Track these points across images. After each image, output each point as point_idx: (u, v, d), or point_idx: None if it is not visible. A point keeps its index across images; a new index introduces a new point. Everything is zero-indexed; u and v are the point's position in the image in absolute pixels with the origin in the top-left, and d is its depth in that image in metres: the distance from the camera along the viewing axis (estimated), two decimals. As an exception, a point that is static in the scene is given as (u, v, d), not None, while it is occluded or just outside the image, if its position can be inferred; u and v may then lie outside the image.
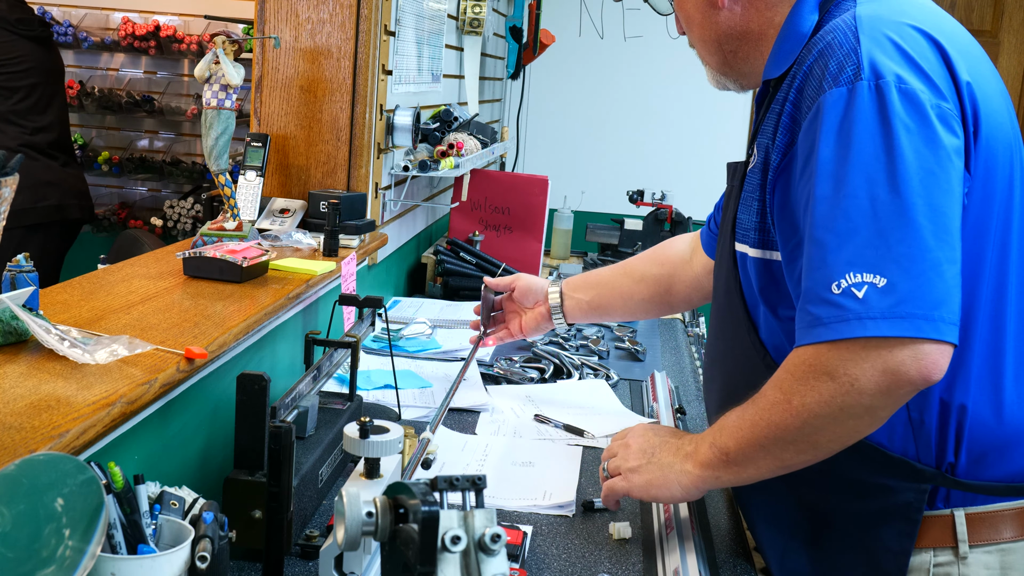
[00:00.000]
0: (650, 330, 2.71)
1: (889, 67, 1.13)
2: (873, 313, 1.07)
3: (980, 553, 1.23)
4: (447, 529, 0.90)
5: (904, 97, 1.11)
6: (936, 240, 1.08)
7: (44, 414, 1.07)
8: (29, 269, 1.33)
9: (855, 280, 1.08)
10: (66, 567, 0.89)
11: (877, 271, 1.07)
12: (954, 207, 1.11)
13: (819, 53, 1.19)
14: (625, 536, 1.43)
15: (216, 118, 1.86)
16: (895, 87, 1.12)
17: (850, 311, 1.08)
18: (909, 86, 1.12)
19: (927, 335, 1.07)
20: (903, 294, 1.07)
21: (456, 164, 2.60)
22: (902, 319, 1.06)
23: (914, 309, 1.06)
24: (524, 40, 3.78)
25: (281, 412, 1.27)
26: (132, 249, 3.29)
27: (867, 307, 1.07)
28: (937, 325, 1.07)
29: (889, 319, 1.06)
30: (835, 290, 1.09)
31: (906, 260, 1.07)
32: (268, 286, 1.74)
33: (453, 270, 2.87)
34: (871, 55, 1.14)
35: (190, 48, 4.07)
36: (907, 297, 1.07)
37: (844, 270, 1.09)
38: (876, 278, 1.07)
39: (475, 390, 2.04)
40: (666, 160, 4.59)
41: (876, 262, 1.08)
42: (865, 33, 1.16)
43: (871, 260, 1.08)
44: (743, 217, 1.31)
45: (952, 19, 1.27)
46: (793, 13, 1.30)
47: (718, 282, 1.42)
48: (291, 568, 1.30)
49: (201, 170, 4.20)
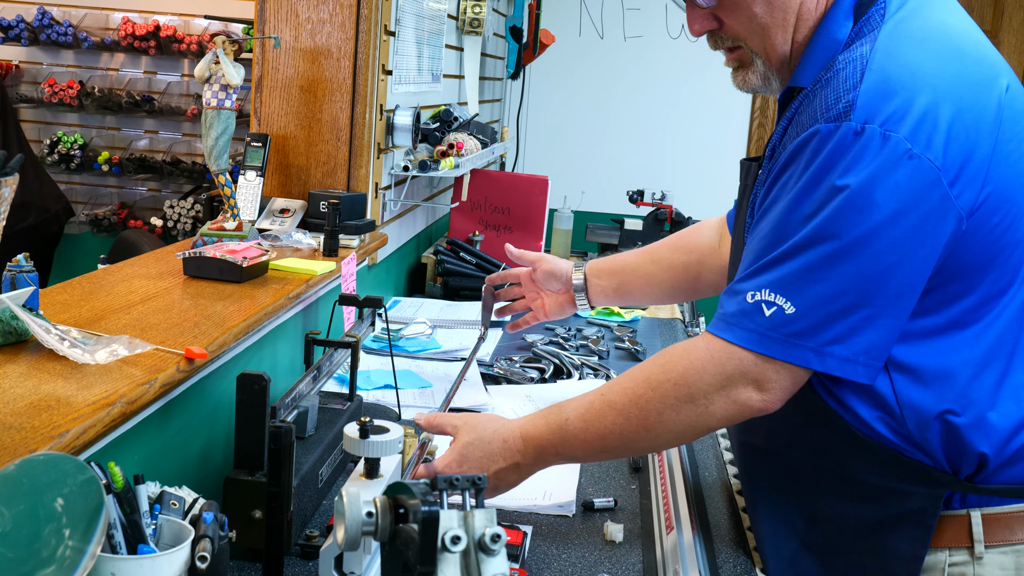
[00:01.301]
0: (650, 330, 2.71)
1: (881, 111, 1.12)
2: (768, 333, 1.16)
3: (995, 554, 1.23)
4: (447, 529, 0.90)
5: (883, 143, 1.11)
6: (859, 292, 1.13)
7: (44, 414, 1.07)
8: (29, 269, 1.33)
9: (768, 298, 1.16)
10: (66, 567, 0.89)
11: (790, 299, 1.15)
12: (901, 261, 1.13)
13: (826, 81, 1.19)
14: (616, 539, 1.43)
15: (216, 118, 1.86)
16: (879, 133, 1.12)
17: (753, 324, 1.17)
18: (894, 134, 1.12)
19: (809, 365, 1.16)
20: (803, 325, 1.15)
21: (456, 164, 2.60)
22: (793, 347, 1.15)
23: (807, 342, 1.15)
24: (524, 40, 3.78)
25: (281, 412, 1.27)
26: (132, 249, 3.29)
27: (768, 324, 1.16)
28: (824, 360, 1.15)
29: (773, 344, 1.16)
30: (749, 299, 1.18)
31: (819, 300, 1.14)
32: (268, 286, 1.74)
33: (453, 270, 2.87)
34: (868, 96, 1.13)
35: (190, 48, 4.07)
36: (805, 330, 1.15)
37: (763, 285, 1.17)
38: (787, 305, 1.15)
39: (475, 390, 2.04)
40: (666, 160, 4.59)
41: (793, 292, 1.15)
42: (872, 70, 1.15)
43: (790, 288, 1.15)
44: None
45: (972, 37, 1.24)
46: (828, 18, 1.26)
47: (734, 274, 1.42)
48: (291, 568, 1.30)
49: (201, 170, 4.20)
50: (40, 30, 4.10)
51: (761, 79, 1.33)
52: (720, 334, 1.21)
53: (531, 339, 2.40)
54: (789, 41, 1.28)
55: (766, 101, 4.56)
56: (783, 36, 1.28)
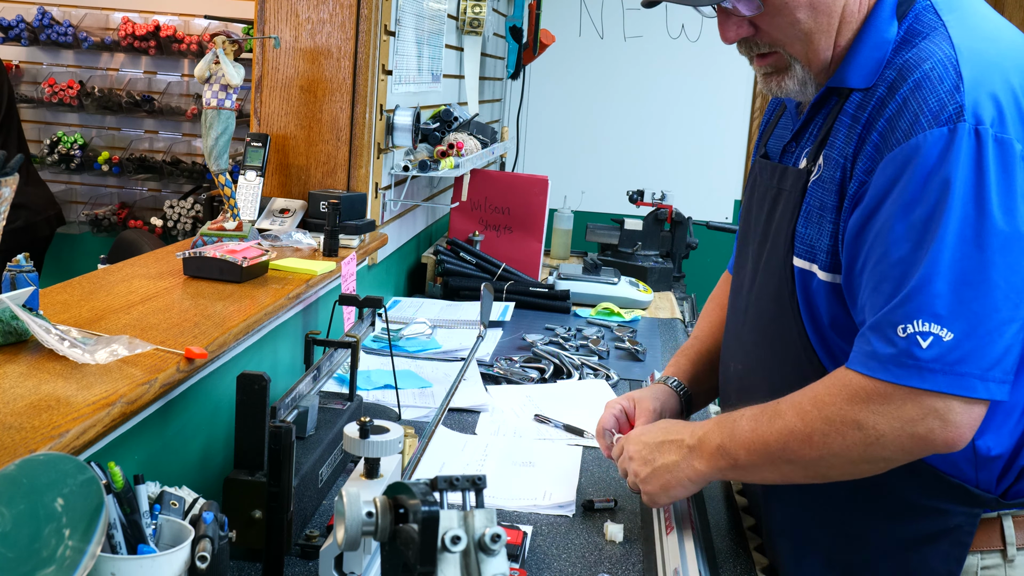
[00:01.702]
0: (650, 330, 2.71)
1: (989, 112, 1.10)
2: (933, 366, 1.08)
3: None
4: (447, 529, 0.90)
5: (999, 147, 1.09)
6: (1005, 301, 1.08)
7: (44, 414, 1.07)
8: (29, 269, 1.33)
9: (922, 328, 1.09)
10: (66, 567, 0.89)
11: (946, 325, 1.08)
12: None
13: (915, 84, 1.14)
14: (616, 539, 1.43)
15: (216, 118, 1.86)
16: (992, 136, 1.09)
17: (910, 357, 1.09)
18: (1006, 136, 1.10)
19: (976, 394, 1.08)
20: (965, 352, 1.08)
21: (456, 164, 2.60)
22: (959, 377, 1.08)
23: (972, 368, 1.08)
24: (524, 40, 3.78)
25: (281, 412, 1.27)
26: (132, 249, 3.29)
27: (929, 358, 1.08)
28: (988, 385, 1.08)
29: (947, 375, 1.08)
30: (900, 333, 1.10)
31: (975, 319, 1.08)
32: (268, 286, 1.74)
33: (453, 270, 2.87)
34: (975, 96, 1.10)
35: (190, 48, 4.07)
36: (968, 356, 1.08)
37: (914, 315, 1.09)
38: (943, 331, 1.08)
39: (475, 390, 2.04)
40: (666, 160, 4.59)
41: (947, 315, 1.08)
42: (967, 68, 1.12)
43: (942, 312, 1.08)
44: (807, 232, 1.25)
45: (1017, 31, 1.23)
46: (873, 18, 1.23)
47: (763, 296, 1.34)
48: (291, 568, 1.30)
49: (201, 170, 4.19)
50: (40, 30, 4.10)
51: (799, 84, 1.29)
52: None
53: (531, 339, 2.40)
54: (832, 46, 1.25)
55: (766, 101, 4.56)
56: (827, 41, 1.24)
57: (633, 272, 3.23)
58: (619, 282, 2.96)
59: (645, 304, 2.92)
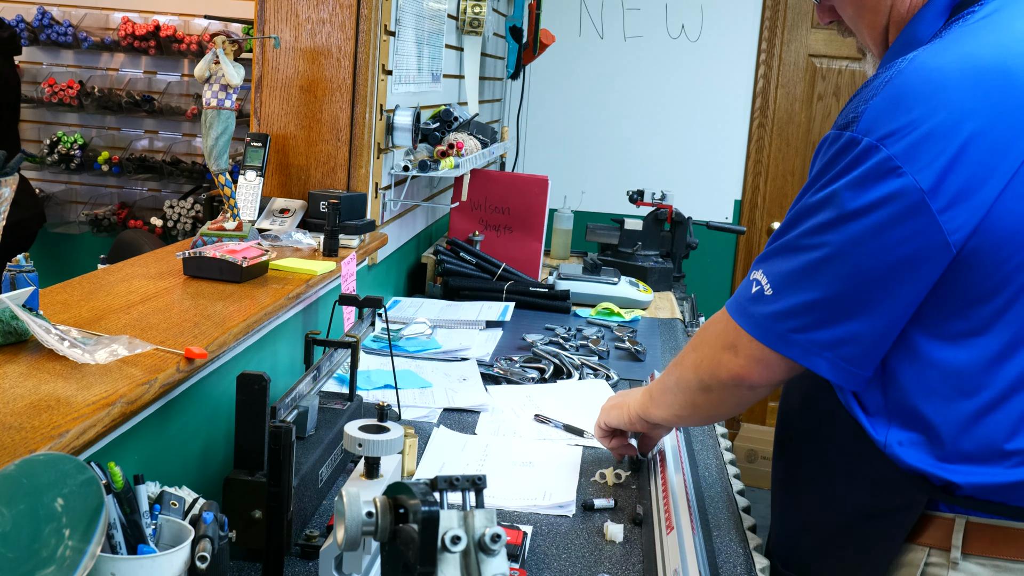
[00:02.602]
0: (650, 330, 2.71)
1: (880, 128, 1.14)
2: (748, 309, 1.25)
3: (973, 564, 1.21)
4: (447, 529, 0.90)
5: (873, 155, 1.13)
6: (838, 290, 1.18)
7: (44, 414, 1.07)
8: (29, 269, 1.33)
9: (757, 277, 1.26)
10: (66, 567, 0.89)
11: (771, 282, 1.23)
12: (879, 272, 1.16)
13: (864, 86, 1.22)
14: (616, 539, 1.43)
15: (216, 118, 1.86)
16: (874, 145, 1.14)
17: (742, 297, 1.28)
18: (885, 150, 1.13)
19: (768, 343, 1.23)
20: (779, 308, 1.22)
21: (456, 164, 2.60)
22: (754, 319, 1.24)
23: (775, 324, 1.22)
24: (524, 40, 3.77)
25: (281, 412, 1.27)
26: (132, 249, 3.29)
27: (745, 298, 1.26)
28: (787, 336, 1.21)
29: (745, 316, 1.25)
30: (750, 275, 1.28)
31: (795, 286, 1.21)
32: (268, 286, 1.74)
33: (453, 270, 2.87)
34: (875, 110, 1.15)
35: (190, 48, 4.07)
36: (778, 312, 1.22)
37: (759, 266, 1.26)
38: (767, 287, 1.24)
39: (475, 390, 2.04)
40: (666, 160, 4.59)
41: (775, 276, 1.23)
42: (891, 85, 1.16)
43: (773, 272, 1.24)
44: None
45: None
46: (919, 15, 1.27)
47: None
48: (291, 568, 1.30)
49: (201, 170, 4.20)
50: (40, 30, 4.10)
51: (872, 69, 1.37)
52: None
53: (531, 339, 2.40)
54: (882, 37, 1.33)
55: (766, 101, 4.56)
56: (874, 34, 1.33)
57: (633, 272, 3.23)
58: (619, 282, 2.96)
59: (645, 304, 2.93)
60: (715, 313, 1.38)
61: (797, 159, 4.62)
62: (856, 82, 4.55)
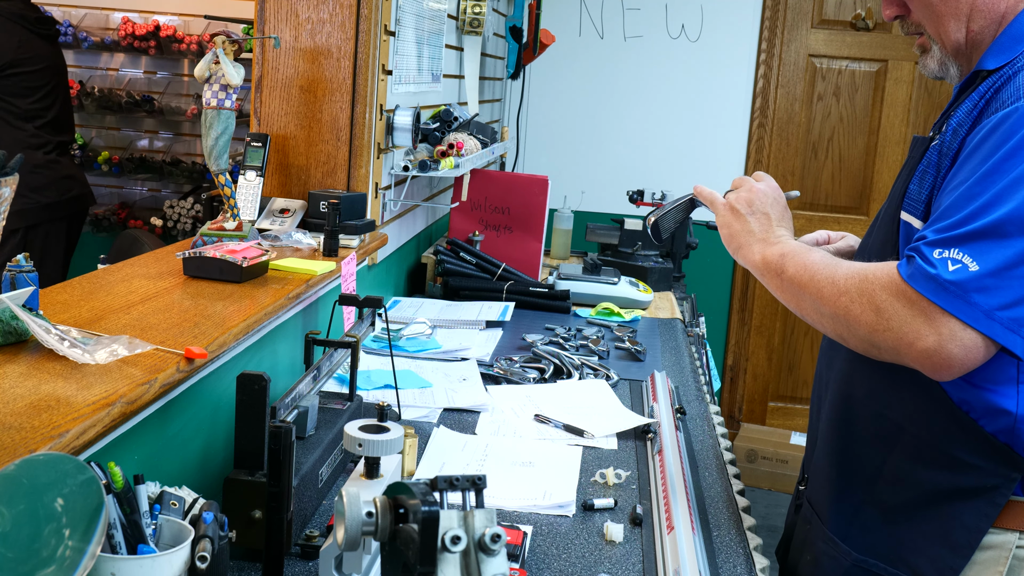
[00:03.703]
0: (650, 330, 2.71)
1: None
2: (951, 288, 1.16)
3: None
4: (447, 529, 0.90)
5: None
6: None
7: (44, 414, 1.07)
8: (29, 269, 1.33)
9: (954, 256, 1.18)
10: (66, 567, 0.89)
11: (976, 258, 1.17)
12: None
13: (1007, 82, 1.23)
14: (616, 539, 1.43)
15: (216, 118, 1.86)
16: None
17: (938, 276, 1.18)
18: None
19: (977, 325, 1.16)
20: (983, 285, 1.16)
21: (456, 164, 2.60)
22: (968, 304, 1.16)
23: (981, 302, 1.16)
24: (524, 40, 3.77)
25: (281, 412, 1.27)
26: (132, 249, 3.29)
27: (950, 280, 1.17)
28: (992, 324, 1.16)
29: (957, 299, 1.16)
30: (937, 255, 1.19)
31: (1004, 259, 1.16)
32: (268, 286, 1.74)
33: (453, 270, 2.87)
34: None
35: (190, 48, 4.07)
36: (983, 290, 1.16)
37: (954, 244, 1.18)
38: (972, 263, 1.17)
39: (475, 390, 2.04)
40: (666, 160, 4.59)
41: (979, 251, 1.17)
42: None
43: (977, 247, 1.17)
44: (914, 188, 1.35)
45: None
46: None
47: (872, 246, 1.45)
48: (291, 568, 1.30)
49: (201, 170, 4.20)
50: (40, 30, 4.10)
51: (938, 64, 1.40)
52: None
53: (531, 339, 2.40)
54: (963, 29, 1.35)
55: (766, 101, 4.56)
56: (955, 24, 1.35)
57: (633, 272, 3.23)
58: (619, 282, 2.96)
59: (645, 304, 2.93)
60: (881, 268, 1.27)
61: (797, 159, 4.62)
62: (856, 82, 4.55)
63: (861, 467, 1.39)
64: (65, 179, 3.64)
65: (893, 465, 1.35)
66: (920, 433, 1.31)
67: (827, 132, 4.60)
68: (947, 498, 1.30)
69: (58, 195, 3.57)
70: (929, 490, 1.31)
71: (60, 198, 3.59)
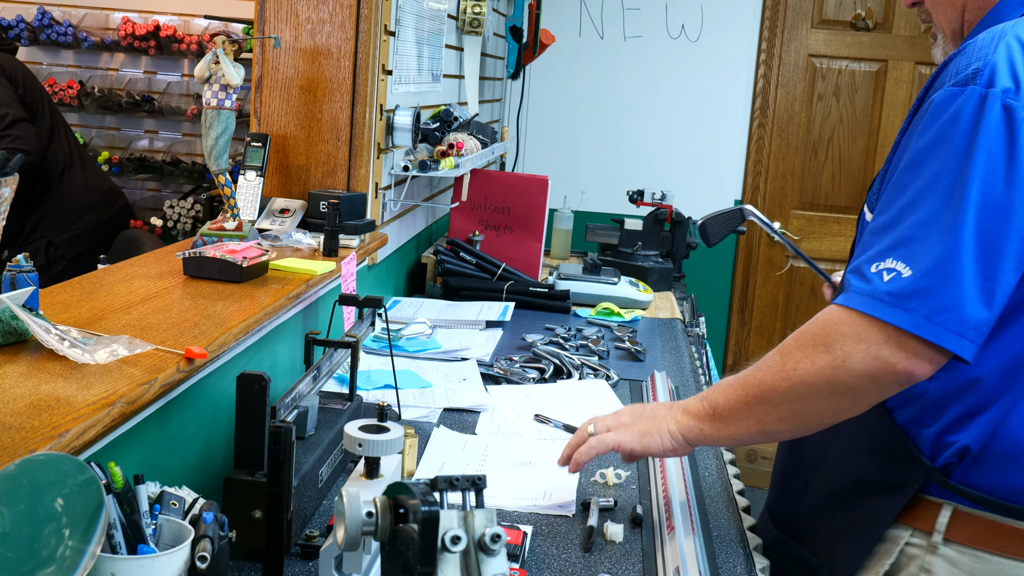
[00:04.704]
0: (650, 330, 2.71)
1: (1004, 79, 1.14)
2: (886, 299, 1.12)
3: (952, 550, 1.24)
4: (447, 529, 0.90)
5: (1003, 112, 1.13)
6: (975, 252, 1.11)
7: (44, 414, 1.07)
8: (29, 269, 1.33)
9: (888, 265, 1.14)
10: (66, 567, 0.89)
11: (908, 262, 1.13)
12: (1010, 230, 1.12)
13: (961, 50, 1.22)
14: (616, 539, 1.43)
15: (216, 118, 1.86)
16: (999, 100, 1.13)
17: (872, 288, 1.14)
18: (1014, 102, 1.13)
19: (924, 335, 1.11)
20: (918, 289, 1.11)
21: (456, 164, 2.60)
22: (907, 312, 1.11)
23: (920, 307, 1.11)
24: (524, 40, 3.77)
25: (281, 412, 1.27)
26: (132, 249, 3.29)
27: (886, 290, 1.13)
28: (937, 329, 1.10)
29: (896, 309, 1.12)
30: (872, 268, 1.16)
31: (936, 261, 1.12)
32: (268, 286, 1.74)
33: (453, 270, 2.87)
34: (995, 63, 1.15)
35: (190, 48, 4.07)
36: (921, 293, 1.11)
37: (886, 254, 1.15)
38: (905, 268, 1.13)
39: (475, 390, 2.04)
40: (666, 160, 4.59)
41: (911, 254, 1.13)
42: (1005, 39, 1.17)
43: (907, 251, 1.14)
44: (876, 183, 1.35)
45: None
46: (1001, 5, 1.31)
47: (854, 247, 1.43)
48: (291, 568, 1.30)
49: (201, 170, 4.19)
50: (40, 30, 4.10)
51: (942, 53, 1.41)
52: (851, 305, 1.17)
53: (531, 339, 2.40)
54: (959, 19, 1.36)
55: (766, 101, 4.56)
56: (953, 13, 1.37)
57: (633, 272, 3.23)
58: (619, 282, 2.96)
59: (645, 304, 2.93)
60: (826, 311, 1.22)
61: (797, 159, 4.62)
62: (856, 82, 4.55)
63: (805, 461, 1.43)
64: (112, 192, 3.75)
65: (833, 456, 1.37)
66: (852, 423, 1.27)
67: (827, 132, 4.60)
68: (861, 490, 1.32)
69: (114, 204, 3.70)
70: (852, 479, 1.33)
71: (123, 203, 3.75)
